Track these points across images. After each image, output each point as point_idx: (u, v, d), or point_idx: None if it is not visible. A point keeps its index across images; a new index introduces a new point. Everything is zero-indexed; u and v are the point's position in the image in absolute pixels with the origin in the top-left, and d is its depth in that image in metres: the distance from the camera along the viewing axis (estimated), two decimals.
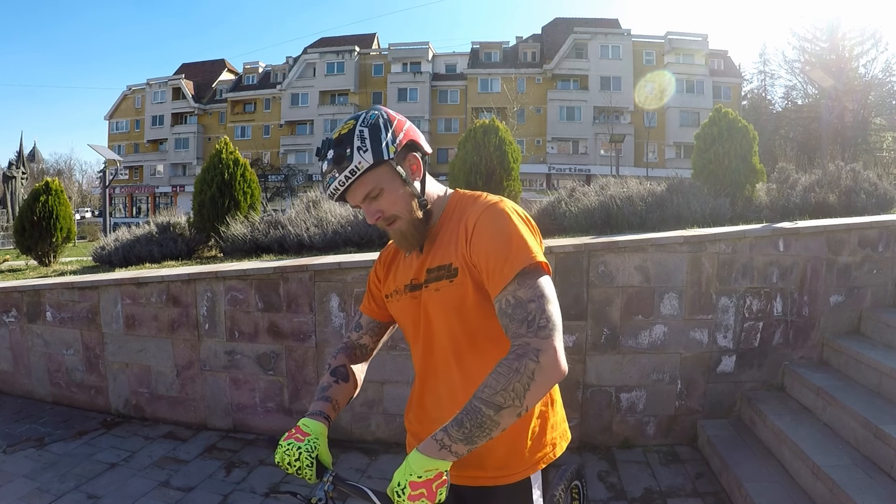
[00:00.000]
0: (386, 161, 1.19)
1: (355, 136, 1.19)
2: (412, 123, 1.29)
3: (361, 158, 1.17)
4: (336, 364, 1.43)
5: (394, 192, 1.22)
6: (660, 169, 31.28)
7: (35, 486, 3.23)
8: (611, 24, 41.30)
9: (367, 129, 1.19)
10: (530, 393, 1.04)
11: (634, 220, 4.75)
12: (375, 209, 1.24)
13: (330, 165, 1.20)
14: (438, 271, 1.24)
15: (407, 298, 1.32)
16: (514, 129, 16.68)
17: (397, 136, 1.21)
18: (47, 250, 6.58)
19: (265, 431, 4.07)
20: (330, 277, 3.87)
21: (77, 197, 49.06)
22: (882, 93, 28.08)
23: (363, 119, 1.21)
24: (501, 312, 1.12)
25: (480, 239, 1.17)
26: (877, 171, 6.29)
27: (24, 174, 24.57)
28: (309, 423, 1.27)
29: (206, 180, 5.80)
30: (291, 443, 1.23)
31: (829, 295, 3.76)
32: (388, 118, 1.22)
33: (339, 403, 1.36)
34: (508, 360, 1.06)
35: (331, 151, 1.20)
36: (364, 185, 1.20)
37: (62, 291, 4.52)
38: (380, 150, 1.18)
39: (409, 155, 1.25)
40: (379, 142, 1.19)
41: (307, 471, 1.20)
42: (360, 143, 1.18)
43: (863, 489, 2.45)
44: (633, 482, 3.27)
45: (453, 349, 1.26)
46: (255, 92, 45.02)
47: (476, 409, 1.05)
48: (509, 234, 1.15)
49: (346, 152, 1.18)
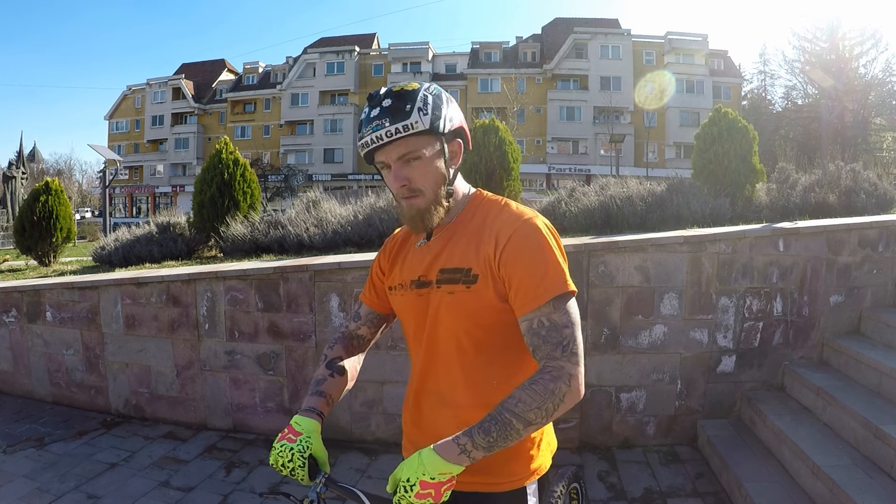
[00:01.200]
0: (438, 133, 1.18)
1: (419, 97, 1.16)
2: None
3: (419, 119, 1.15)
4: (332, 356, 1.41)
5: (429, 165, 1.19)
6: (660, 169, 31.27)
7: (35, 486, 3.23)
8: (611, 24, 41.31)
9: (431, 96, 1.18)
10: (556, 413, 1.09)
11: (634, 220, 4.75)
12: (405, 175, 1.19)
13: (381, 113, 1.15)
14: (454, 274, 1.21)
15: (412, 295, 1.29)
16: (514, 129, 16.67)
17: (454, 118, 1.21)
18: (47, 250, 6.57)
19: (265, 431, 4.06)
20: (330, 277, 3.87)
21: (77, 197, 49.06)
22: (882, 93, 28.09)
23: (428, 87, 1.20)
24: (532, 332, 1.12)
25: (515, 254, 1.15)
26: (877, 171, 6.29)
27: (24, 174, 24.58)
28: (301, 422, 1.24)
29: (205, 180, 5.80)
30: (284, 444, 1.20)
31: (829, 295, 3.76)
32: (450, 100, 1.22)
33: (333, 398, 1.34)
34: (545, 381, 1.08)
35: (388, 100, 1.16)
36: (407, 145, 1.17)
37: (62, 291, 4.52)
38: (439, 120, 1.17)
39: (456, 140, 1.24)
40: (440, 113, 1.17)
41: (300, 471, 1.18)
42: (422, 104, 1.16)
43: (863, 489, 2.45)
44: (633, 482, 3.27)
45: (458, 353, 1.23)
46: (255, 92, 45.03)
47: (507, 421, 1.06)
48: (546, 257, 1.14)
49: (405, 107, 1.15)
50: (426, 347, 1.28)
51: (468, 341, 1.22)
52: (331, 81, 42.82)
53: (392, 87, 1.19)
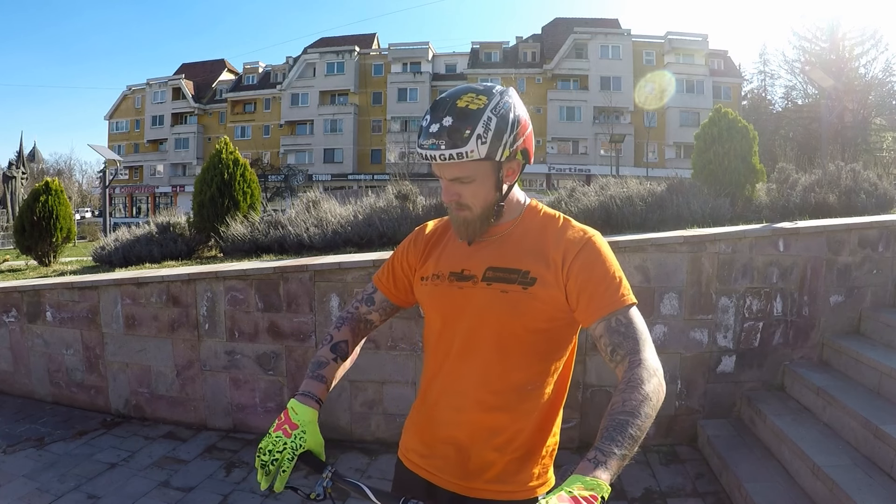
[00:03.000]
0: (495, 161, 1.14)
1: (482, 120, 1.10)
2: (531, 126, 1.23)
3: (476, 149, 1.10)
4: (339, 339, 1.35)
5: (482, 188, 1.17)
6: (660, 169, 31.27)
7: (35, 486, 3.23)
8: (611, 24, 41.31)
9: (496, 118, 1.12)
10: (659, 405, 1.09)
11: (634, 220, 4.75)
12: (456, 191, 1.18)
13: (439, 132, 1.10)
14: (509, 274, 1.20)
15: (450, 287, 1.25)
16: None
17: (517, 141, 1.16)
18: (47, 250, 6.58)
19: (265, 431, 4.05)
20: (330, 277, 3.87)
21: (77, 197, 49.06)
22: (882, 93, 28.10)
23: (496, 104, 1.13)
24: (611, 330, 1.13)
25: (588, 265, 1.16)
26: (877, 171, 6.28)
27: (24, 174, 24.58)
28: (298, 410, 1.19)
29: (205, 180, 5.80)
30: (279, 436, 1.15)
31: (829, 295, 3.76)
32: (518, 117, 1.16)
33: (332, 383, 1.30)
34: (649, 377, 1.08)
35: (448, 119, 1.10)
36: (462, 169, 1.14)
37: (62, 291, 4.52)
38: (497, 149, 1.12)
39: (514, 161, 1.19)
40: (500, 140, 1.12)
41: (287, 464, 1.12)
42: (482, 130, 1.10)
43: (863, 489, 2.45)
44: (633, 482, 3.27)
45: (499, 352, 1.20)
46: (255, 92, 45.03)
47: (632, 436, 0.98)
48: (617, 270, 1.18)
49: (464, 132, 1.09)
50: (460, 343, 1.23)
51: (513, 342, 1.19)
52: (331, 81, 42.81)
53: (458, 98, 1.13)
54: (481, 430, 1.20)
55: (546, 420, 1.24)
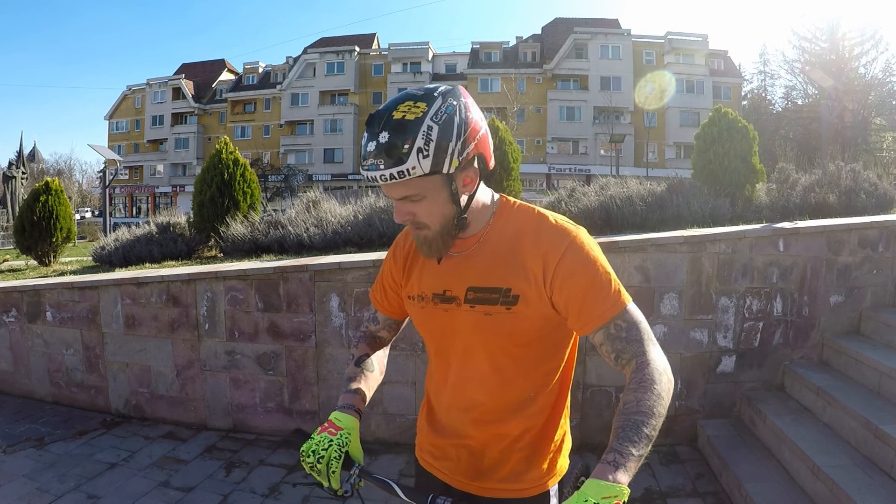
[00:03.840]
0: (443, 174, 1.03)
1: (420, 131, 0.99)
2: (486, 126, 1.11)
3: (417, 164, 0.99)
4: (359, 354, 1.37)
5: (435, 204, 1.07)
6: (660, 169, 31.28)
7: (35, 486, 3.23)
8: (611, 24, 41.30)
9: (437, 126, 1.00)
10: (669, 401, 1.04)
11: (634, 220, 4.75)
12: (408, 211, 1.09)
13: (377, 150, 1.00)
14: (490, 294, 1.12)
15: (436, 309, 1.20)
16: (514, 129, 16.65)
17: (467, 147, 1.04)
18: (47, 250, 6.58)
19: (265, 431, 4.07)
20: (330, 277, 3.87)
21: (77, 197, 49.07)
22: (882, 93, 28.11)
23: (438, 110, 1.00)
24: (610, 337, 1.07)
25: (572, 275, 1.08)
26: (877, 171, 6.29)
27: (24, 174, 24.57)
28: (341, 418, 1.19)
29: (205, 180, 5.80)
30: (324, 436, 1.15)
31: (829, 295, 3.76)
32: (466, 119, 1.03)
33: (366, 395, 1.30)
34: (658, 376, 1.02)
35: (385, 134, 0.99)
36: (408, 187, 1.04)
37: (62, 291, 4.52)
38: (442, 161, 1.01)
39: (470, 168, 1.07)
40: (444, 151, 1.01)
41: (334, 463, 1.11)
42: (423, 142, 0.99)
43: (863, 489, 2.45)
44: (633, 482, 3.24)
45: (493, 370, 1.18)
46: (255, 92, 45.03)
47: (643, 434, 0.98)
48: (604, 272, 1.10)
49: (402, 146, 0.98)
50: (457, 362, 1.22)
51: (506, 359, 1.17)
52: (331, 81, 42.82)
53: (394, 109, 1.01)
54: (491, 435, 1.21)
55: (553, 415, 1.24)
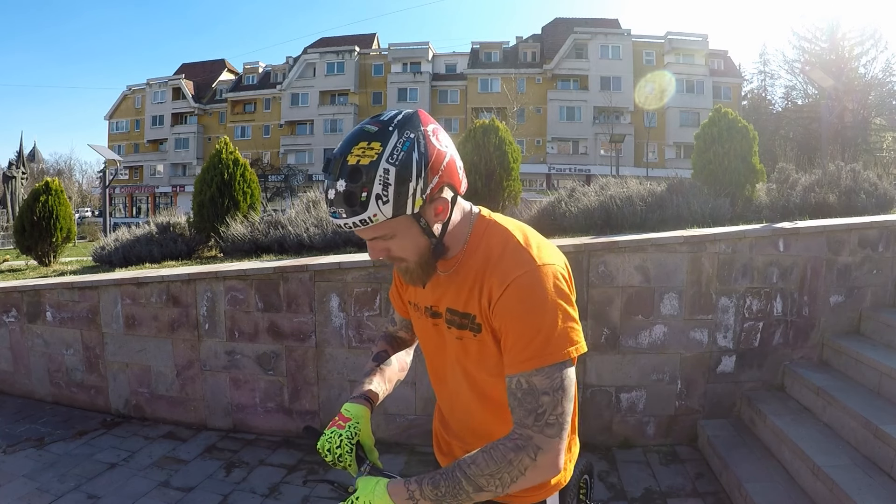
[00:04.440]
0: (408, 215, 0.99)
1: (377, 176, 0.94)
2: (453, 147, 1.05)
3: (378, 211, 0.95)
4: (378, 350, 1.39)
5: (407, 240, 1.04)
6: (660, 169, 31.27)
7: (35, 486, 3.23)
8: (611, 24, 41.30)
9: (394, 169, 0.94)
10: (516, 485, 0.98)
11: (634, 220, 4.75)
12: (381, 248, 1.06)
13: (336, 199, 0.96)
14: (462, 318, 1.11)
15: (427, 321, 1.22)
16: (514, 129, 16.62)
17: (430, 183, 0.98)
18: (47, 250, 6.57)
19: (265, 431, 4.07)
20: (330, 277, 3.87)
21: (77, 197, 49.07)
22: (882, 93, 28.12)
23: (393, 149, 0.95)
24: (511, 394, 1.02)
25: (508, 310, 1.02)
26: (877, 171, 6.28)
27: (24, 174, 24.56)
28: (350, 408, 1.21)
29: (205, 180, 5.80)
30: (334, 430, 1.16)
31: (829, 295, 3.76)
32: (426, 152, 0.97)
33: (381, 386, 1.31)
34: (505, 448, 0.98)
35: (341, 182, 0.95)
36: (375, 231, 1.01)
37: (62, 291, 4.52)
38: (403, 203, 0.96)
39: (439, 199, 1.02)
40: (405, 194, 0.96)
41: (347, 457, 1.14)
42: (381, 188, 0.94)
43: (863, 489, 2.45)
44: (633, 482, 3.26)
45: (475, 395, 1.19)
46: (255, 92, 45.03)
47: (457, 479, 0.98)
48: (542, 318, 0.99)
49: (360, 195, 0.94)
50: (449, 376, 1.23)
51: (481, 383, 1.17)
52: (331, 81, 42.82)
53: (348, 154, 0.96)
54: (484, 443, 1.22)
55: None
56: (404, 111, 1.03)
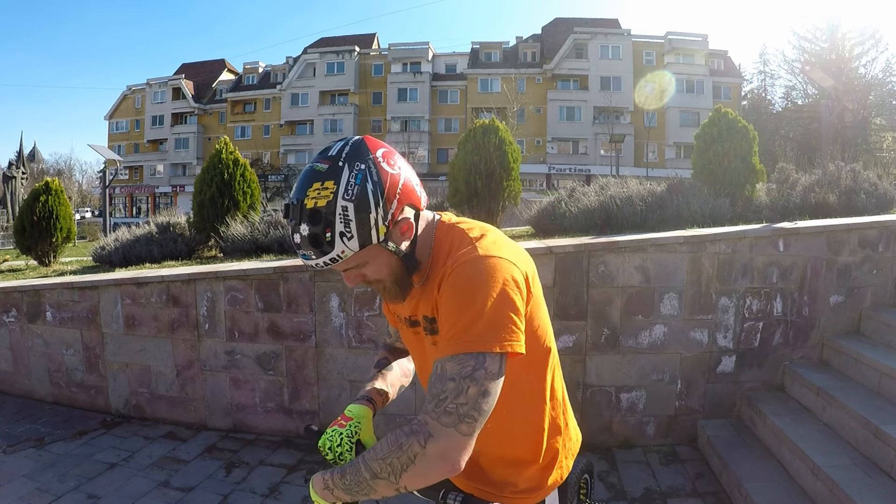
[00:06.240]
0: (374, 245, 1.02)
1: (337, 215, 0.96)
2: (406, 166, 1.06)
3: (345, 247, 0.99)
4: (379, 357, 1.44)
5: (379, 263, 1.07)
6: (660, 169, 31.27)
7: (35, 486, 3.23)
8: (611, 24, 41.29)
9: (352, 204, 0.97)
10: (407, 475, 0.94)
11: (634, 220, 4.75)
12: (357, 274, 1.08)
13: (302, 243, 0.99)
14: (431, 323, 1.12)
15: (410, 332, 1.24)
16: (514, 129, 16.61)
17: (389, 209, 1.00)
18: (47, 250, 6.57)
19: (265, 431, 4.07)
20: (330, 277, 3.87)
21: (77, 197, 49.08)
22: (882, 93, 28.14)
23: (347, 185, 0.97)
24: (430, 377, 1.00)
25: (444, 298, 1.02)
26: (877, 171, 6.28)
27: (24, 174, 24.58)
28: (353, 408, 1.25)
29: (205, 180, 5.80)
30: (335, 429, 1.20)
31: (829, 295, 3.76)
32: (380, 181, 0.99)
33: (384, 389, 1.34)
34: (401, 432, 0.96)
35: (304, 227, 0.97)
36: (346, 263, 1.04)
37: (62, 291, 4.52)
38: (368, 234, 0.99)
39: (402, 220, 1.04)
40: (367, 226, 0.99)
41: (347, 455, 1.16)
42: (343, 226, 0.97)
43: (863, 489, 2.45)
44: (633, 482, 3.27)
45: None
46: (255, 92, 45.02)
47: (357, 465, 1.00)
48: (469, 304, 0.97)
49: (324, 236, 0.97)
50: None
51: None
52: (331, 81, 42.80)
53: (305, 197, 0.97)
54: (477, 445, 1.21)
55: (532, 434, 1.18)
56: (351, 140, 1.03)
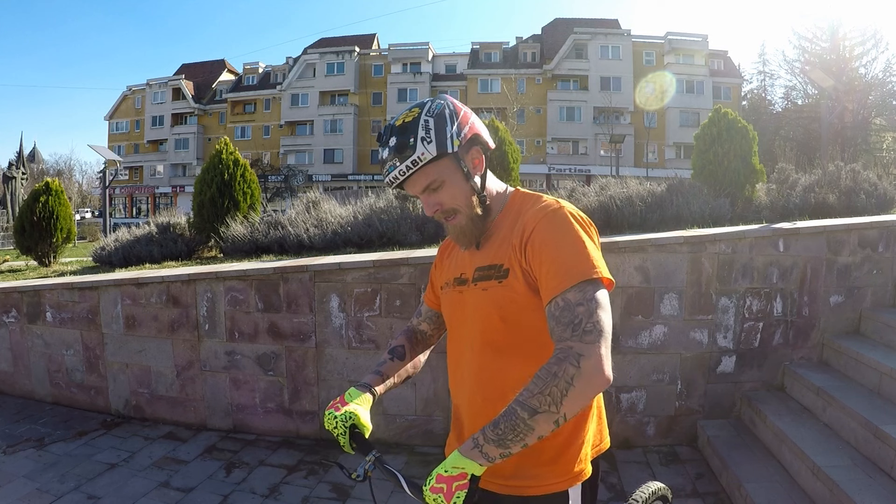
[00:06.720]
0: (449, 154, 1.18)
1: (420, 125, 1.16)
2: (476, 116, 1.26)
3: (425, 150, 1.15)
4: (395, 344, 1.47)
5: (455, 186, 1.21)
6: (660, 169, 31.29)
7: (35, 487, 3.23)
8: (611, 24, 41.30)
9: (432, 118, 1.17)
10: (568, 399, 0.99)
11: (634, 220, 4.75)
12: (435, 201, 1.22)
13: (391, 154, 1.17)
14: (488, 270, 1.22)
15: (454, 292, 1.32)
16: (514, 129, 16.64)
17: (462, 129, 1.19)
18: (47, 251, 6.57)
19: (265, 432, 4.06)
20: (330, 278, 3.87)
21: (77, 197, 49.07)
22: (882, 93, 28.11)
23: (429, 108, 1.19)
24: (551, 316, 1.08)
25: (540, 245, 1.13)
26: (877, 171, 6.29)
27: (24, 174, 24.59)
28: (352, 393, 1.32)
29: (205, 181, 5.80)
30: (331, 412, 1.28)
31: (829, 295, 3.76)
32: (455, 109, 1.20)
33: (387, 378, 1.40)
34: (549, 364, 1.02)
35: (393, 139, 1.17)
36: (425, 176, 1.19)
37: (62, 292, 4.52)
38: (444, 142, 1.17)
39: (473, 149, 1.23)
40: (444, 134, 1.17)
41: (341, 438, 1.26)
42: (424, 133, 1.16)
43: (863, 489, 2.45)
44: (633, 482, 3.26)
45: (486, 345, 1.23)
46: (255, 92, 45.03)
47: (512, 410, 1.02)
48: (571, 244, 1.11)
49: (409, 141, 1.16)
50: (464, 347, 1.29)
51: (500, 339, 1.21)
52: (331, 82, 42.80)
53: (395, 120, 1.20)
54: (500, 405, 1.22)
55: None
56: None
